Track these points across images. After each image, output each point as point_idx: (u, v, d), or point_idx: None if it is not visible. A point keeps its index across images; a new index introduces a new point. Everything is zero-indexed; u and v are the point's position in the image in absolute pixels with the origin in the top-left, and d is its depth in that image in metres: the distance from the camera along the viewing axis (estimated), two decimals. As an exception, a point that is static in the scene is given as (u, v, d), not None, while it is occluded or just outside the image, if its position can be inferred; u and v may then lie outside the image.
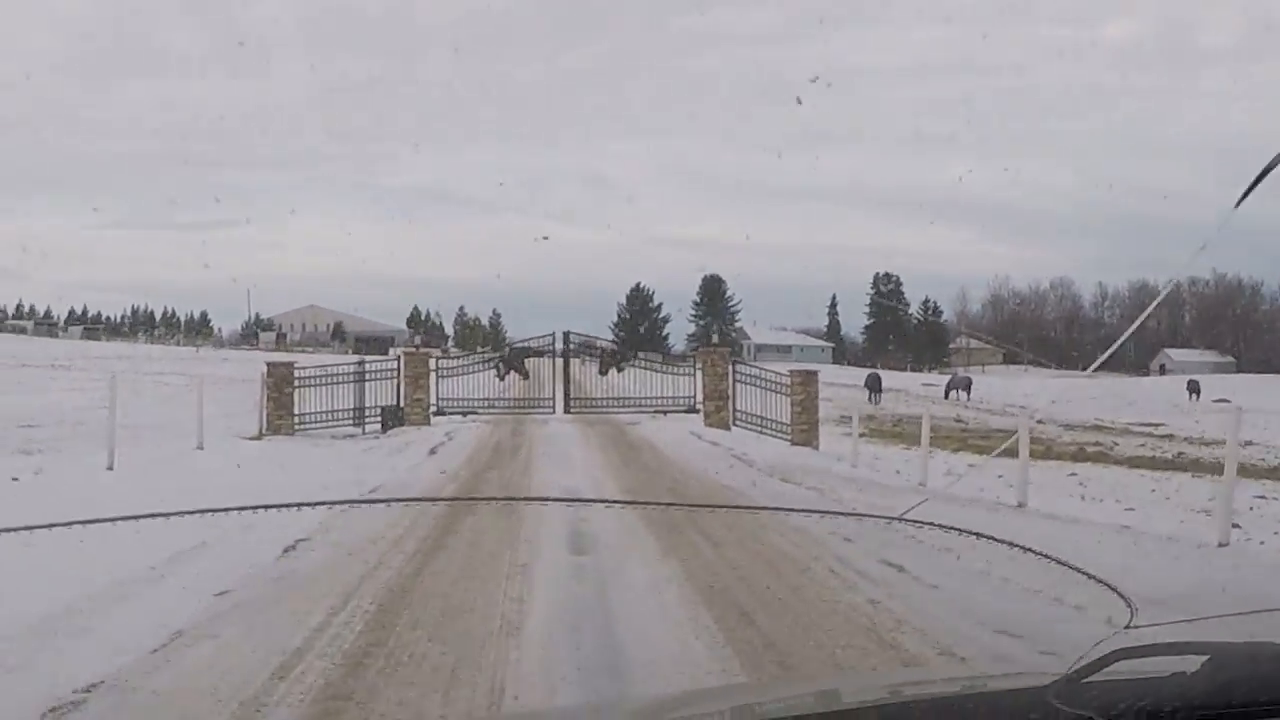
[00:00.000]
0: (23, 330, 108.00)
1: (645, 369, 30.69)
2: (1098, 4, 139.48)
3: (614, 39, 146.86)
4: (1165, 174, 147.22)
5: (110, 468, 16.27)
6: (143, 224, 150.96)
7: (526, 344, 31.99)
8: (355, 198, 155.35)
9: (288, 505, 9.51)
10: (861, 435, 31.38)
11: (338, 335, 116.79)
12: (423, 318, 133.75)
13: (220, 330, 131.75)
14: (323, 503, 9.90)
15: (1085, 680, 1.38)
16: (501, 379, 30.59)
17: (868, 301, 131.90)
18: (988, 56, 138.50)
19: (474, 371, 30.40)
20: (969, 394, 57.32)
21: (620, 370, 30.47)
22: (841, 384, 55.18)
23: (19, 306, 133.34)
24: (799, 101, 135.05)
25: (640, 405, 30.11)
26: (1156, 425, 40.92)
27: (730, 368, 29.41)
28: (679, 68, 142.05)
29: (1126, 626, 1.75)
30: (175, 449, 20.30)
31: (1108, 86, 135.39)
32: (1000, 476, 21.54)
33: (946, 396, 57.18)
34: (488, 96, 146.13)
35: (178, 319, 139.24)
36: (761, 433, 28.19)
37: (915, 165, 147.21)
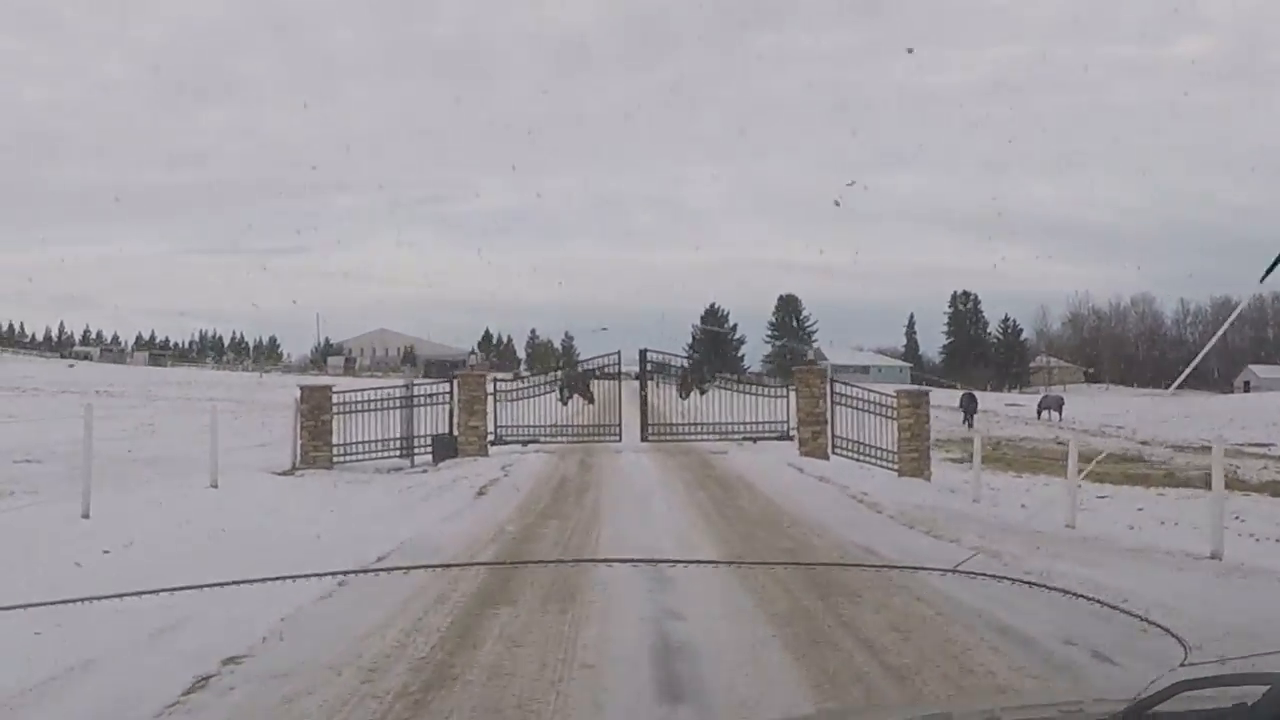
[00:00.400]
0: (88, 356, 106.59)
1: (730, 390, 26.67)
2: (1171, 20, 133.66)
3: (688, 62, 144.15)
4: (1245, 189, 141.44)
5: (86, 515, 13.00)
6: (217, 251, 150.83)
7: (591, 364, 28.09)
8: (429, 223, 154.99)
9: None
10: (959, 460, 27.58)
11: (408, 359, 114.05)
12: (494, 341, 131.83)
13: (289, 355, 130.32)
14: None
15: (1149, 711, 1.35)
16: (564, 403, 26.96)
17: (946, 320, 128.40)
18: (1062, 74, 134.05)
19: (537, 395, 26.60)
20: (1061, 414, 53.93)
21: (703, 392, 26.54)
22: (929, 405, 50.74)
23: (86, 333, 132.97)
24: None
25: (726, 431, 26.17)
26: (1266, 445, 37.26)
27: (828, 389, 25.41)
28: (753, 90, 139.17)
29: (1181, 664, 1.63)
30: (185, 487, 16.92)
31: (1184, 102, 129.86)
32: (1141, 509, 17.78)
33: (1039, 416, 53.78)
34: (563, 121, 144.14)
35: (247, 344, 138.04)
36: (861, 460, 24.22)
37: (992, 184, 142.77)
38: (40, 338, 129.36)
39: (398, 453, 24.81)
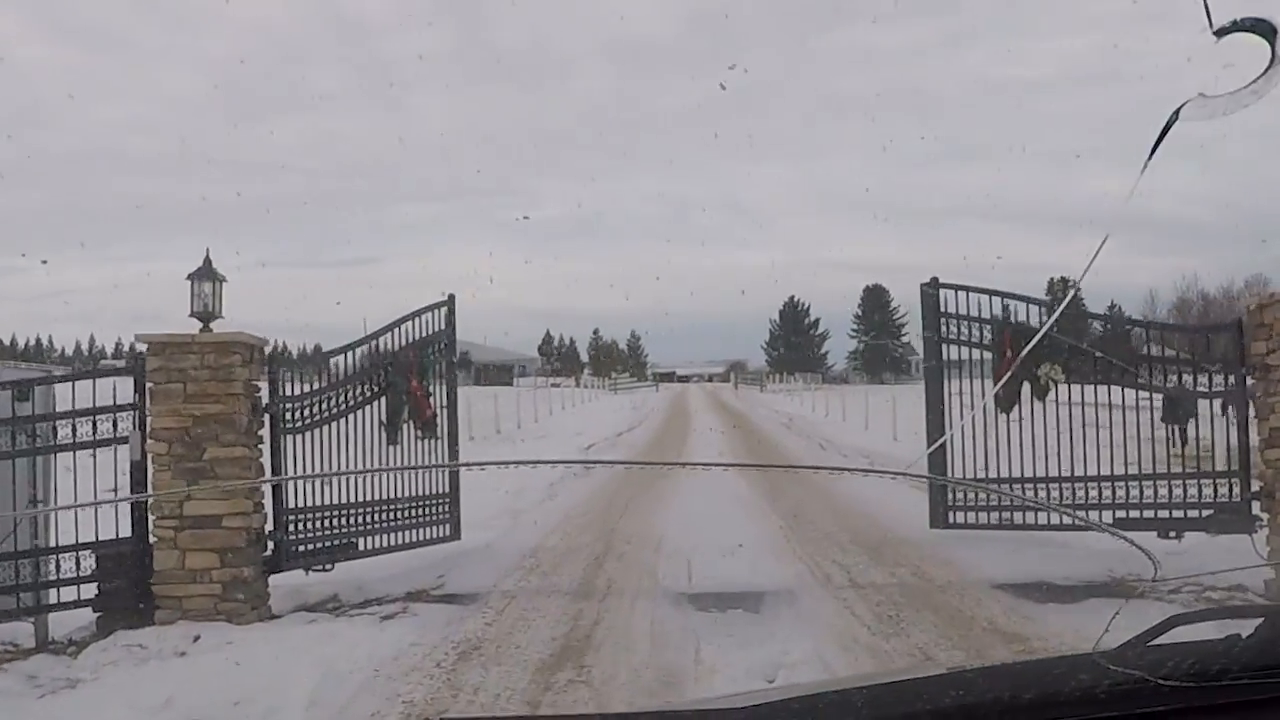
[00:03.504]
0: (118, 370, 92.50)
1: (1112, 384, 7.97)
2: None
3: (754, 63, 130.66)
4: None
5: None
6: (282, 263, 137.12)
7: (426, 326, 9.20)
8: (493, 229, 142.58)
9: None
10: None
11: (463, 365, 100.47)
12: (555, 343, 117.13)
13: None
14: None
15: (1146, 644, 1.26)
16: (392, 439, 8.58)
17: (1043, 312, 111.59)
18: (1135, 65, 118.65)
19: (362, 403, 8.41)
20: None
21: (1044, 392, 8.03)
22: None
23: (119, 347, 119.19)
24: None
25: (1077, 505, 7.64)
26: None
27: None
28: (819, 89, 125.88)
29: (1153, 579, 1.75)
30: None
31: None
32: None
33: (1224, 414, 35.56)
34: (628, 124, 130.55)
35: (289, 353, 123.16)
36: None
37: (1067, 177, 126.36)
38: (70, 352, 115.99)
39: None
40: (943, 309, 9.19)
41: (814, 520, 10.52)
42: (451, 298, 9.23)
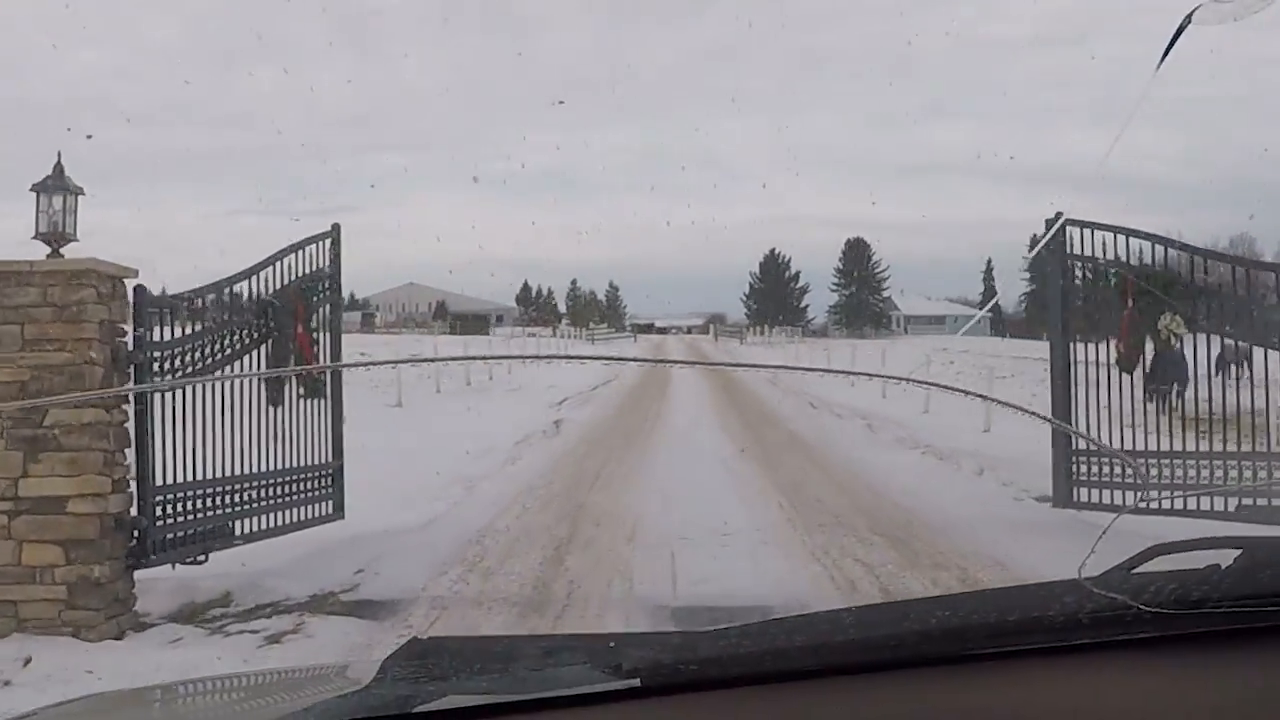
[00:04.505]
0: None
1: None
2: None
3: (735, 17, 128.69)
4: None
5: None
6: (258, 212, 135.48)
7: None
8: (472, 181, 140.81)
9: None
10: None
11: (439, 315, 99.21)
12: (534, 294, 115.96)
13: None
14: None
15: (1129, 572, 1.23)
16: (275, 398, 6.94)
17: (1026, 267, 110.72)
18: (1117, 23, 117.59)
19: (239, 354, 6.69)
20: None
21: (1164, 347, 6.32)
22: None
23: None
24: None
25: None
26: None
27: None
28: (802, 43, 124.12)
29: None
30: None
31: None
32: None
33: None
34: (609, 77, 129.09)
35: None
36: None
37: (1049, 136, 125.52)
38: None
39: None
40: (1070, 250, 7.56)
41: (821, 498, 8.90)
42: (336, 228, 7.65)
